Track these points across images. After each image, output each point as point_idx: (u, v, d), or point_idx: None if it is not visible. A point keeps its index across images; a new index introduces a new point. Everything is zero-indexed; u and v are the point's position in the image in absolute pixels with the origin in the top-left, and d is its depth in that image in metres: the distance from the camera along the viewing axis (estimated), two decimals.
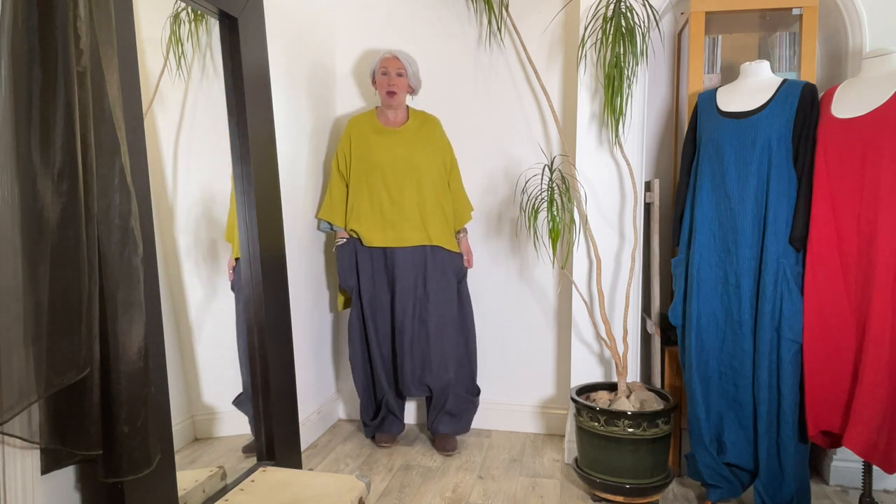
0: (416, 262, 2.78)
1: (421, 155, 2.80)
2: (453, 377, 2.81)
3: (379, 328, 2.84)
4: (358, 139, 2.84)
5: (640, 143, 2.63)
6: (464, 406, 2.89)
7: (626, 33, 2.48)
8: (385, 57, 2.81)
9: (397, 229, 2.77)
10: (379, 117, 2.88)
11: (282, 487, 1.84)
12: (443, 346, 2.79)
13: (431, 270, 2.79)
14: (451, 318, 2.81)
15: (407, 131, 2.84)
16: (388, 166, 2.78)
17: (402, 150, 2.80)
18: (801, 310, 2.07)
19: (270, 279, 2.17)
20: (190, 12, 1.97)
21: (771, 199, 2.11)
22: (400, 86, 2.79)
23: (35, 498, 1.30)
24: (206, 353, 2.03)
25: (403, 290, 2.78)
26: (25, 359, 1.17)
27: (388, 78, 2.78)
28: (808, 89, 2.13)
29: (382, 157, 2.79)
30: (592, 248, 2.65)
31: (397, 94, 2.78)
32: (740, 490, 2.24)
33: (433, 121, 2.91)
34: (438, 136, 2.89)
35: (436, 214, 2.79)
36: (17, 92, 1.17)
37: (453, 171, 2.92)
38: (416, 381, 2.81)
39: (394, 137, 2.82)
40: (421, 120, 2.88)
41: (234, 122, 2.10)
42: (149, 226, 1.54)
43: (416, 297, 2.79)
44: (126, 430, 1.35)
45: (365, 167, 2.80)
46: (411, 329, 2.80)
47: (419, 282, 2.80)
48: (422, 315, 2.80)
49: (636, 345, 2.64)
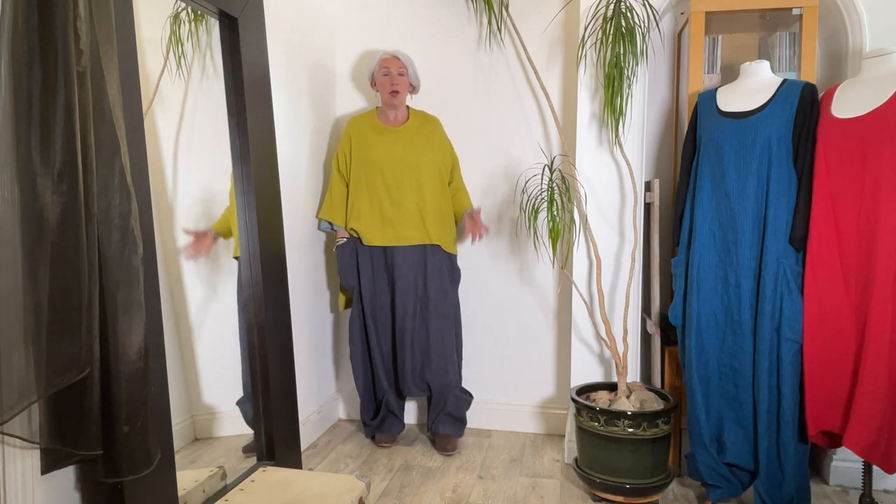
0: (415, 262, 2.79)
1: (421, 154, 2.80)
2: (453, 378, 2.82)
3: (379, 327, 2.85)
4: (358, 139, 2.85)
5: (640, 143, 2.63)
6: (464, 407, 2.91)
7: (626, 33, 2.48)
8: (385, 57, 2.82)
9: (397, 228, 2.77)
10: (379, 117, 2.88)
11: (282, 487, 1.84)
12: (442, 347, 2.79)
13: (431, 270, 2.79)
14: (450, 319, 2.82)
15: (407, 131, 2.85)
16: (387, 165, 2.78)
17: (402, 149, 2.80)
18: (801, 310, 2.07)
19: (270, 279, 2.17)
20: (190, 12, 1.97)
21: (771, 199, 2.11)
22: (402, 85, 2.80)
23: (35, 498, 1.30)
24: (206, 353, 2.03)
25: (404, 289, 2.78)
26: (25, 359, 1.17)
27: (390, 78, 2.79)
28: (808, 89, 2.13)
29: (382, 157, 2.79)
30: (592, 248, 2.65)
31: (400, 92, 2.80)
32: (740, 490, 2.24)
33: (433, 121, 2.91)
34: (438, 135, 2.89)
35: (435, 214, 2.79)
36: (17, 92, 1.17)
37: (455, 170, 2.93)
38: (417, 380, 2.82)
39: (394, 137, 2.83)
40: (421, 120, 2.89)
41: (234, 122, 2.10)
42: (149, 226, 1.54)
43: (416, 296, 2.80)
44: (126, 430, 1.35)
45: (365, 166, 2.81)
46: (412, 328, 2.80)
47: (419, 281, 2.80)
48: (423, 314, 2.80)
49: (636, 345, 2.64)
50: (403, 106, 2.88)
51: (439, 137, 2.89)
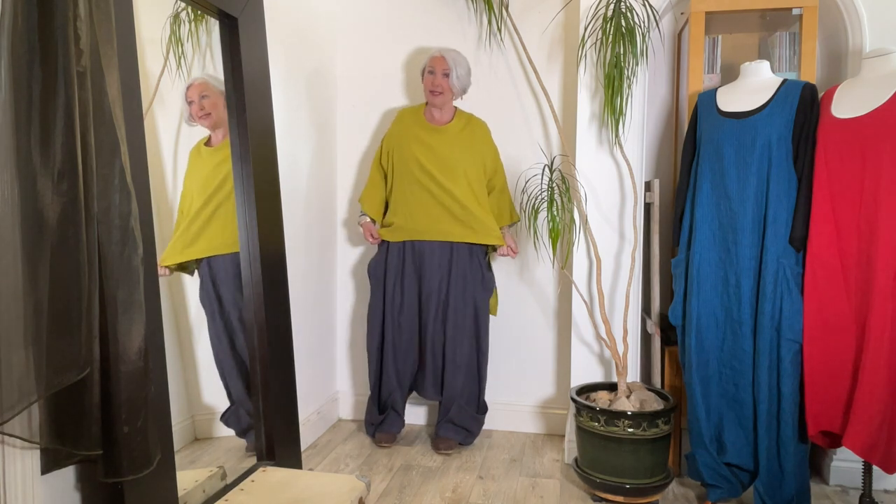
0: (442, 264, 2.80)
1: (461, 155, 2.81)
2: (464, 389, 2.82)
3: (399, 324, 2.85)
4: (402, 133, 2.88)
5: (640, 143, 2.63)
6: (469, 421, 2.87)
7: (626, 33, 2.48)
8: (434, 56, 2.82)
9: (430, 226, 2.79)
10: (425, 114, 2.90)
11: (282, 487, 1.84)
12: (455, 354, 2.80)
13: (455, 275, 2.80)
14: (467, 329, 2.81)
15: (450, 130, 2.85)
16: (427, 163, 2.80)
17: (443, 148, 2.82)
18: (801, 310, 2.07)
19: (270, 279, 2.17)
20: (190, 12, 1.97)
21: (771, 199, 2.11)
22: (444, 86, 2.80)
23: (35, 498, 1.30)
24: (206, 353, 2.03)
25: (429, 290, 2.81)
26: (25, 359, 1.17)
27: (433, 77, 2.79)
28: (808, 89, 2.13)
29: (423, 154, 2.81)
30: (592, 248, 2.65)
31: (441, 94, 2.80)
32: (740, 490, 2.24)
33: (479, 123, 2.91)
34: (481, 138, 2.88)
35: (470, 214, 2.79)
36: (17, 92, 1.17)
37: (497, 176, 2.90)
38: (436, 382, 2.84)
39: (436, 135, 2.84)
40: (466, 121, 2.89)
41: (234, 122, 2.10)
42: (149, 226, 1.54)
43: (439, 299, 2.82)
44: (126, 430, 1.35)
45: (405, 162, 2.83)
46: (433, 331, 2.82)
47: (443, 285, 2.82)
48: (443, 318, 2.82)
49: (636, 345, 2.64)
50: (448, 105, 2.88)
51: (482, 140, 2.88)
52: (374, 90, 3.21)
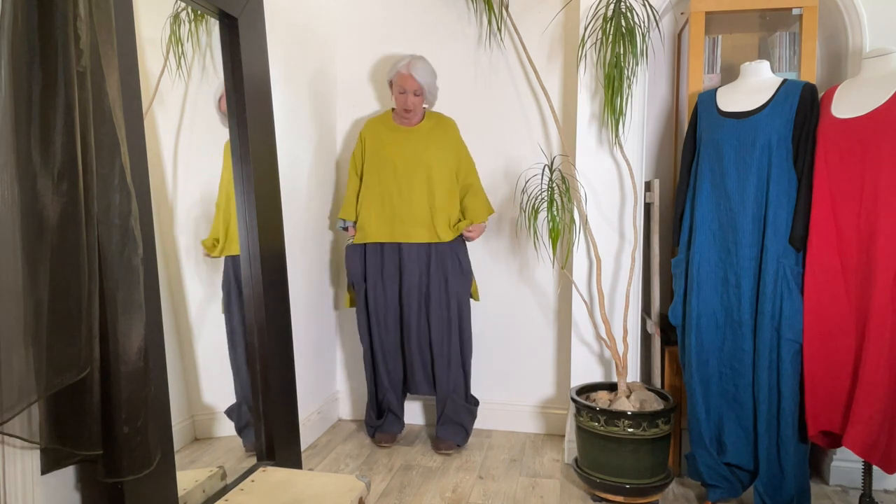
0: (420, 260, 2.80)
1: (433, 153, 2.81)
2: (452, 383, 2.83)
3: (383, 326, 2.86)
4: (372, 138, 2.88)
5: (640, 143, 2.63)
6: (464, 415, 2.88)
7: (626, 33, 2.48)
8: (402, 73, 2.75)
9: (406, 225, 2.78)
10: (394, 118, 2.90)
11: (282, 487, 1.84)
12: (441, 349, 2.82)
13: (434, 271, 2.80)
14: (449, 322, 2.82)
15: (420, 130, 2.86)
16: (399, 163, 2.80)
17: (414, 147, 2.82)
18: (800, 310, 2.07)
19: (270, 279, 2.17)
20: (190, 12, 1.97)
21: (771, 199, 2.11)
22: (417, 104, 2.80)
23: (35, 498, 1.30)
24: (205, 352, 2.03)
25: (409, 287, 2.81)
26: (25, 359, 1.17)
27: (406, 97, 2.77)
28: (808, 89, 2.13)
29: (394, 153, 2.81)
30: (592, 248, 2.65)
31: (413, 110, 2.80)
32: (740, 490, 2.24)
33: (448, 121, 2.91)
34: (452, 136, 2.89)
35: (444, 212, 2.79)
36: (17, 92, 1.17)
37: (469, 173, 2.90)
38: (427, 378, 2.85)
39: (406, 135, 2.84)
40: (435, 120, 2.89)
41: (234, 122, 2.10)
42: (149, 226, 1.54)
43: (419, 294, 2.82)
44: (126, 430, 1.35)
45: (377, 162, 2.83)
46: (416, 327, 2.83)
47: (423, 280, 2.82)
48: (426, 314, 2.81)
49: (636, 345, 2.64)
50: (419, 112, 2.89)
51: (453, 138, 2.89)
52: (374, 90, 3.21)
